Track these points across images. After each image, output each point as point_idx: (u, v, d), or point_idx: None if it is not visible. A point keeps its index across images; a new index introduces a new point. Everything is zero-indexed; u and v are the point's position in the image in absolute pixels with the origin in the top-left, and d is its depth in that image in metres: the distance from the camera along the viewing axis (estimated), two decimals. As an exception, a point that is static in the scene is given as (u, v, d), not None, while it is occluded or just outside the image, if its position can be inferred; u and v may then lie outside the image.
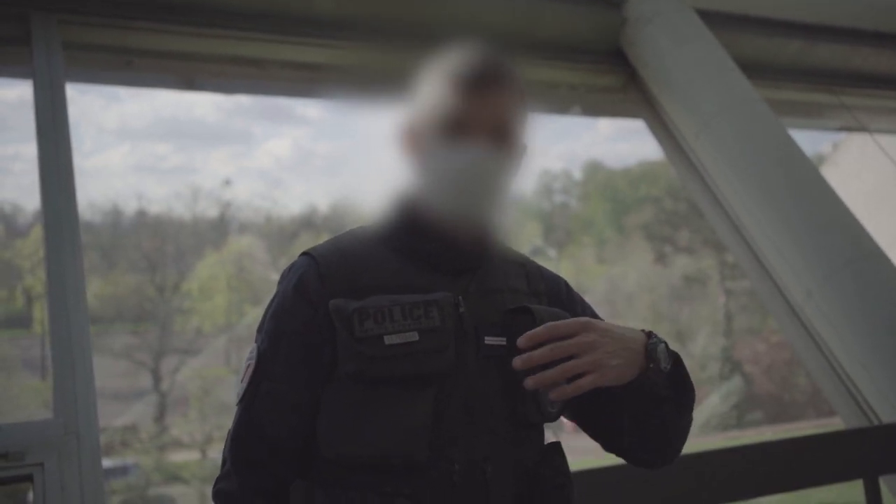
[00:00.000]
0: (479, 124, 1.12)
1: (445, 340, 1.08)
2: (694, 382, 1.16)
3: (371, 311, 1.07)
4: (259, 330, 1.16)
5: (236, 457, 1.12)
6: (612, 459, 1.32)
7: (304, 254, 1.17)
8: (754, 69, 4.76)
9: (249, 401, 1.11)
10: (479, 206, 1.14)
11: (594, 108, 5.29)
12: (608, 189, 25.39)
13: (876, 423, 3.46)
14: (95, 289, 18.42)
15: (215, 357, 19.22)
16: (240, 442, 1.12)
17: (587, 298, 1.33)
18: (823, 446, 3.12)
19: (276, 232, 22.57)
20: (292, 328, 1.11)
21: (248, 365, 1.14)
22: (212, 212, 22.31)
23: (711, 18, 4.67)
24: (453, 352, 1.08)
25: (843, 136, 8.89)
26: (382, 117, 1.31)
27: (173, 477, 16.22)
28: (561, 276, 1.32)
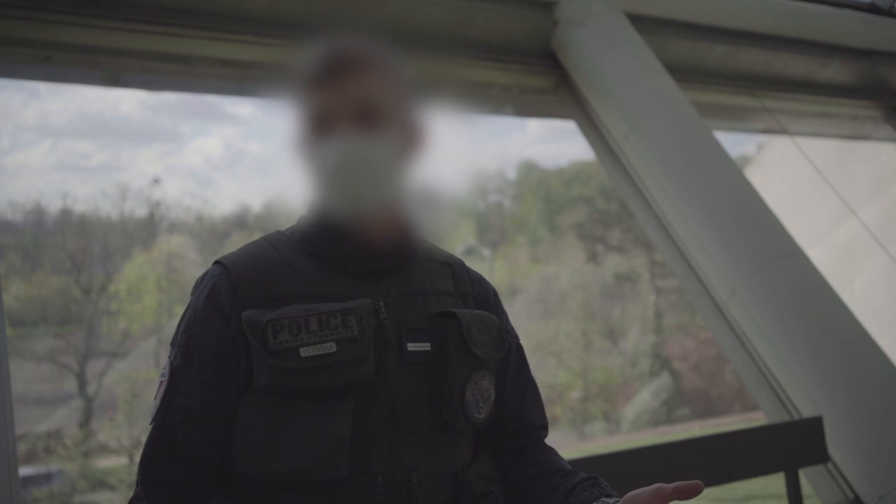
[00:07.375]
0: (340, 112, 1.07)
1: (364, 350, 1.03)
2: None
3: (286, 323, 1.02)
4: (172, 343, 1.10)
5: (147, 477, 1.06)
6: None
7: (217, 262, 1.12)
8: (681, 72, 4.87)
9: (161, 419, 1.06)
10: (369, 194, 1.09)
11: (526, 109, 5.34)
12: (541, 189, 25.60)
13: (796, 417, 3.57)
14: (17, 291, 17.77)
15: (144, 360, 18.67)
16: (151, 461, 1.06)
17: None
18: (747, 442, 3.21)
19: (208, 231, 22.09)
20: (205, 341, 1.06)
21: (161, 381, 1.09)
22: (140, 211, 21.70)
23: (640, 22, 4.76)
24: (373, 361, 1.04)
25: (765, 138, 9.17)
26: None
27: (100, 483, 15.76)
28: (488, 278, 1.28)
